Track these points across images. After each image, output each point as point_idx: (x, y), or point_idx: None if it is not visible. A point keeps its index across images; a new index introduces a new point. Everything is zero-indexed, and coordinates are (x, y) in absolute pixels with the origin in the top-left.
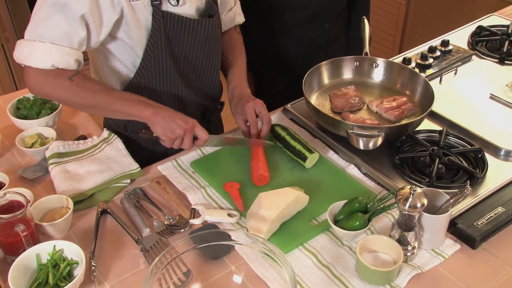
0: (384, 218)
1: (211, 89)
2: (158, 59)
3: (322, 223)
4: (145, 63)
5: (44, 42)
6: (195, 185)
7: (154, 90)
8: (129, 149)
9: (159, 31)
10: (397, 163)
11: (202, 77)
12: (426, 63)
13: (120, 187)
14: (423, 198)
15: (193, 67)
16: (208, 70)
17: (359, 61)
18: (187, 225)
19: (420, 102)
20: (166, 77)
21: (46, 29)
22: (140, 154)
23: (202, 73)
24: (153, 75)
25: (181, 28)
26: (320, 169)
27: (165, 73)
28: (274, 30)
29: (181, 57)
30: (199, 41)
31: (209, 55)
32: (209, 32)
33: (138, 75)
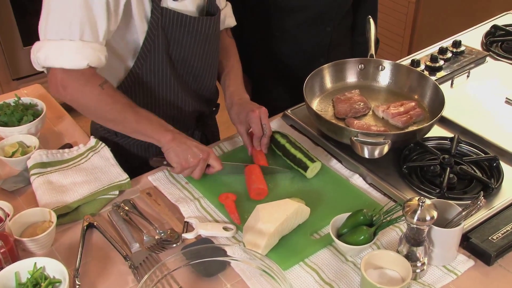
0: (391, 232)
1: (208, 91)
2: (154, 58)
3: (324, 237)
4: (140, 62)
5: (73, 40)
6: (189, 197)
7: (148, 91)
8: (119, 156)
9: (156, 29)
10: (405, 173)
11: (200, 79)
12: (437, 65)
13: (108, 199)
14: (432, 211)
15: (191, 69)
16: (206, 72)
17: (364, 64)
18: (180, 239)
19: (430, 107)
20: (162, 78)
21: (72, 26)
22: (131, 160)
23: (199, 74)
24: (148, 75)
25: (180, 26)
26: (322, 179)
27: (161, 74)
28: (272, 33)
29: (178, 58)
30: (199, 41)
31: (208, 56)
32: (210, 31)
33: (132, 74)
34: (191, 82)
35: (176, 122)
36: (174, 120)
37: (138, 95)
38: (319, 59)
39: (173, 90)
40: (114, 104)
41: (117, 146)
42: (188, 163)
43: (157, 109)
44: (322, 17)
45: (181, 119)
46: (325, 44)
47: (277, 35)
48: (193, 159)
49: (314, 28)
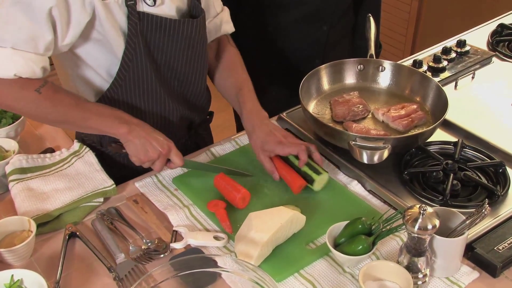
0: (391, 242)
1: (197, 99)
2: (137, 67)
3: (321, 247)
4: (122, 73)
5: (4, 48)
6: (178, 204)
7: (133, 102)
8: (104, 165)
9: (136, 36)
10: (406, 179)
11: (186, 85)
12: (440, 66)
13: (92, 207)
14: (434, 219)
15: (176, 74)
16: (193, 77)
17: (363, 64)
18: (168, 249)
19: (432, 110)
20: (147, 87)
21: (6, 32)
22: (116, 170)
23: (186, 80)
24: (132, 85)
25: (159, 30)
26: None
27: (145, 83)
28: (266, 30)
29: (162, 63)
30: (181, 44)
31: (193, 60)
32: (193, 34)
33: (114, 85)
34: (177, 88)
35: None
36: (164, 130)
37: (122, 107)
38: (315, 60)
39: (160, 98)
40: (54, 107)
41: (101, 155)
42: (146, 157)
43: (144, 119)
44: (318, 15)
45: (171, 129)
46: (321, 44)
47: (270, 31)
48: (152, 153)
49: (309, 26)
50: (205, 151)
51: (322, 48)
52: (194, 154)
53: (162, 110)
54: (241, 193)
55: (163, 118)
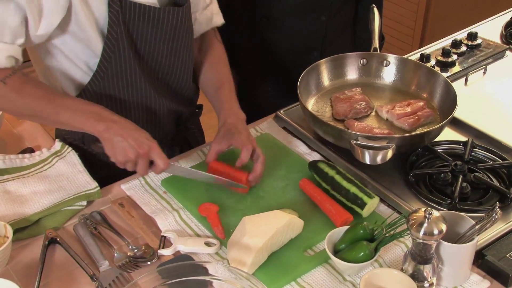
0: (394, 248)
1: (184, 91)
2: (119, 58)
3: (320, 253)
4: (104, 65)
5: None
6: (167, 208)
7: (117, 96)
8: (87, 166)
9: (117, 25)
10: (412, 181)
11: (172, 77)
12: (449, 60)
13: (74, 211)
14: (441, 223)
15: (161, 66)
16: (178, 68)
17: (367, 58)
18: (155, 256)
19: (440, 107)
20: (130, 79)
21: None
22: (101, 172)
23: (171, 72)
24: (115, 78)
25: (143, 18)
26: None
27: (129, 75)
28: (259, 21)
29: (145, 54)
30: (165, 34)
31: (178, 51)
32: (178, 23)
33: (96, 78)
34: (162, 81)
35: (153, 126)
36: (151, 125)
37: (105, 101)
38: (312, 52)
39: (145, 91)
40: (22, 99)
41: (84, 155)
42: (123, 157)
43: (129, 114)
44: (315, 4)
45: (158, 123)
46: (319, 35)
47: (264, 22)
48: (130, 153)
49: (306, 17)
50: (196, 151)
51: (320, 40)
52: (185, 154)
53: (147, 104)
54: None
55: (149, 112)
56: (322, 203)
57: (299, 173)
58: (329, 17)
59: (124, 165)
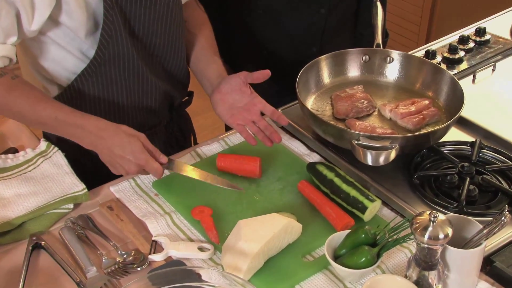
0: (398, 253)
1: (178, 73)
2: (116, 43)
3: (319, 259)
4: (101, 51)
5: None
6: (158, 211)
7: (113, 81)
8: (74, 167)
9: (112, 8)
10: (416, 184)
11: (167, 59)
12: (456, 57)
13: (60, 214)
14: (447, 227)
15: (155, 48)
16: (173, 49)
17: (369, 55)
18: (146, 262)
19: (447, 106)
20: (128, 63)
21: None
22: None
23: (166, 54)
24: (111, 63)
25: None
26: None
27: (126, 59)
28: (256, 14)
29: (141, 36)
30: (159, 14)
31: (171, 30)
32: (170, 1)
33: (93, 65)
34: (157, 62)
35: (148, 112)
36: (146, 110)
37: (100, 86)
38: (311, 47)
39: (141, 75)
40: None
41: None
42: (117, 171)
43: (125, 98)
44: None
45: (153, 108)
46: (318, 29)
47: (260, 14)
48: (122, 170)
49: (304, 9)
50: (190, 151)
51: (320, 35)
52: (178, 155)
53: (143, 88)
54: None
55: (145, 96)
56: (322, 206)
57: (297, 175)
58: (329, 10)
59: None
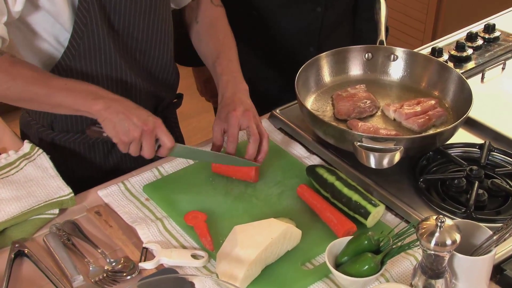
0: (403, 261)
1: (163, 73)
2: (91, 33)
3: (319, 267)
4: (75, 40)
5: None
6: (149, 217)
7: (89, 75)
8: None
9: None
10: (422, 188)
11: (150, 56)
12: (463, 55)
13: (45, 220)
14: (455, 233)
15: (137, 44)
16: (157, 47)
17: (372, 52)
18: (136, 270)
19: (454, 106)
20: (104, 57)
21: None
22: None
23: (149, 51)
24: (87, 55)
25: None
26: None
27: (103, 53)
28: (250, 15)
29: (120, 29)
30: (141, 6)
31: (156, 26)
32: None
33: (67, 55)
34: (140, 60)
35: None
36: None
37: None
38: (308, 47)
39: (120, 70)
40: (12, 81)
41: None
42: (128, 136)
43: None
44: None
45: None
46: (315, 28)
47: (255, 15)
48: (134, 131)
49: (300, 8)
50: None
51: (317, 34)
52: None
53: (124, 85)
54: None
55: (126, 95)
56: (322, 211)
57: (296, 179)
58: (325, 8)
59: (127, 147)
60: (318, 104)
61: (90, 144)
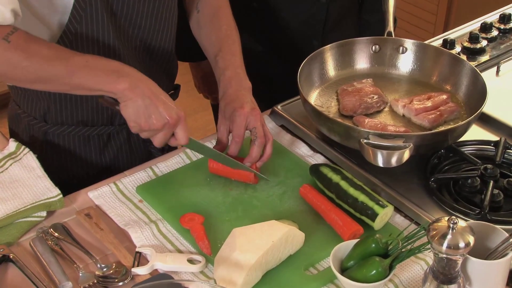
0: (413, 266)
1: (163, 62)
2: (90, 18)
3: (324, 272)
4: (73, 25)
5: None
6: (143, 219)
7: None
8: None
9: None
10: (433, 188)
11: (152, 44)
12: (477, 46)
13: (31, 223)
14: (468, 235)
15: (139, 32)
16: (159, 34)
17: (379, 44)
18: (129, 276)
19: (467, 101)
20: (103, 45)
21: None
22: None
23: (151, 38)
24: (84, 41)
25: None
26: None
27: (101, 40)
28: (250, 6)
29: (122, 16)
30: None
31: (159, 12)
32: None
33: (63, 41)
34: (141, 47)
35: None
36: None
37: None
38: (312, 41)
39: (118, 57)
40: (29, 60)
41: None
42: (148, 124)
43: None
44: None
45: None
46: (318, 21)
47: (255, 7)
48: (157, 121)
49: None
50: (178, 153)
51: (321, 26)
52: (164, 157)
53: None
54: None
55: None
56: (327, 213)
57: (299, 178)
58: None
59: (140, 131)
60: (322, 99)
61: (85, 138)
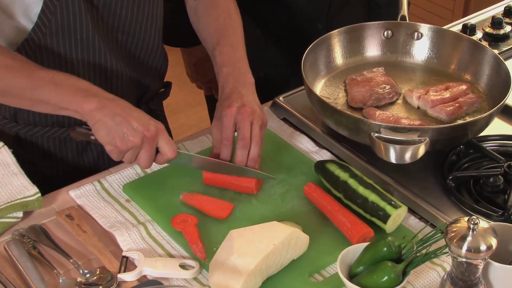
0: (428, 272)
1: (149, 56)
2: (66, 8)
3: (330, 278)
4: (46, 16)
5: None
6: (130, 221)
7: (62, 57)
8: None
9: None
10: (451, 187)
11: (134, 37)
12: (500, 32)
13: (6, 224)
14: (490, 237)
15: (120, 21)
16: (143, 26)
17: (392, 30)
18: (114, 282)
19: (489, 92)
20: (80, 37)
21: None
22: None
23: (133, 31)
24: (60, 33)
25: None
26: None
27: (78, 31)
28: None
29: (100, 6)
30: None
31: (142, 3)
32: None
33: (36, 33)
34: (122, 40)
35: None
36: None
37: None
38: (316, 24)
39: (98, 53)
40: None
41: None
42: (125, 143)
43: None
44: None
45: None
46: (323, 2)
47: None
48: (133, 137)
49: None
50: None
51: (326, 8)
52: None
53: (102, 70)
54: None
55: (104, 81)
56: (333, 214)
57: (303, 176)
58: None
59: (121, 155)
60: (329, 90)
61: (61, 140)
